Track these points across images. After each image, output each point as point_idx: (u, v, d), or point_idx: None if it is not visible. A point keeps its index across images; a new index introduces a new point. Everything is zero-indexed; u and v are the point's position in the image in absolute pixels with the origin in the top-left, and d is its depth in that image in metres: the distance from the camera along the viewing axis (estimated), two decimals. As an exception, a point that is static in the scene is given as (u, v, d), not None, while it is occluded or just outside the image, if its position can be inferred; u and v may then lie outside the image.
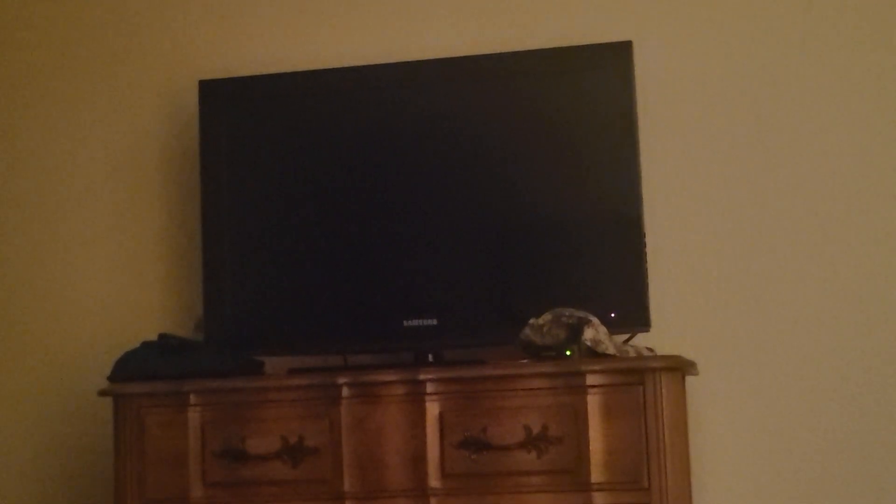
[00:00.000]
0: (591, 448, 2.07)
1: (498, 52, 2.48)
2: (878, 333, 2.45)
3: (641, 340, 2.33)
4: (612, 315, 2.26)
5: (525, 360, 2.18)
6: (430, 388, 2.13)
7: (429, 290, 2.42)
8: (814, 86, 2.52)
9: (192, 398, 2.21)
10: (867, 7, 2.51)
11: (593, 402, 2.08)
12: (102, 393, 2.27)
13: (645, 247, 2.33)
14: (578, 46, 2.43)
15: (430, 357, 2.38)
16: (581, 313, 2.16)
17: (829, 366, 2.46)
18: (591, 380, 2.09)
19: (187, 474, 2.19)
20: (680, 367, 2.16)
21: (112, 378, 2.28)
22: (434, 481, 2.12)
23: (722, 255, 2.51)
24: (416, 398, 2.14)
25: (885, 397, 2.43)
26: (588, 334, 2.13)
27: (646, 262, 2.33)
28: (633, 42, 2.39)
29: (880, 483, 2.42)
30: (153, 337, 2.35)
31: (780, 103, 2.53)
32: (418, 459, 2.12)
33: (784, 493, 2.45)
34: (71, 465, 2.71)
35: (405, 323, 2.38)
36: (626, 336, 2.32)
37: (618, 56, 2.38)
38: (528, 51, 2.46)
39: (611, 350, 2.14)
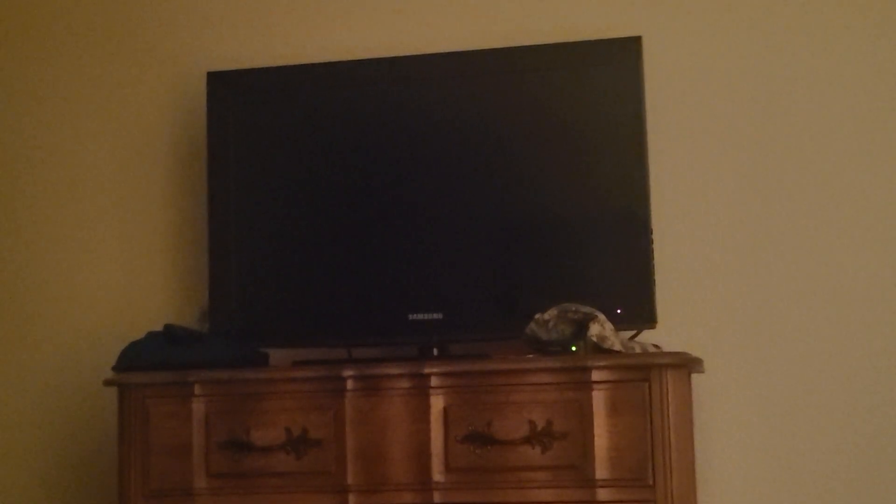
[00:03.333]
0: (595, 444, 2.07)
1: (506, 46, 2.47)
2: (885, 331, 2.44)
3: (647, 337, 2.32)
4: (619, 311, 2.25)
5: (530, 356, 2.17)
6: (434, 381, 2.13)
7: (434, 285, 2.41)
8: (824, 83, 2.51)
9: (197, 389, 2.21)
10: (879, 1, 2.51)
11: (598, 398, 2.08)
12: (108, 383, 2.27)
13: (652, 243, 2.33)
14: (587, 41, 2.42)
15: (435, 351, 2.38)
16: (587, 309, 2.16)
17: (835, 364, 2.45)
18: (596, 376, 2.08)
19: (191, 465, 2.19)
20: (686, 365, 2.15)
21: (117, 368, 2.28)
22: (438, 475, 2.12)
23: (729, 252, 2.51)
24: (421, 392, 2.13)
25: (891, 394, 2.43)
26: (594, 330, 2.12)
27: (652, 258, 2.32)
28: (643, 37, 2.39)
29: (886, 482, 2.41)
30: (159, 327, 2.35)
31: (789, 100, 2.52)
32: (422, 453, 2.12)
33: (789, 492, 2.44)
34: (75, 454, 2.71)
35: (410, 317, 2.38)
36: (632, 332, 2.32)
37: (627, 51, 2.37)
38: (537, 45, 2.46)
39: (616, 346, 2.13)
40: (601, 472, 2.06)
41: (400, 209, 2.44)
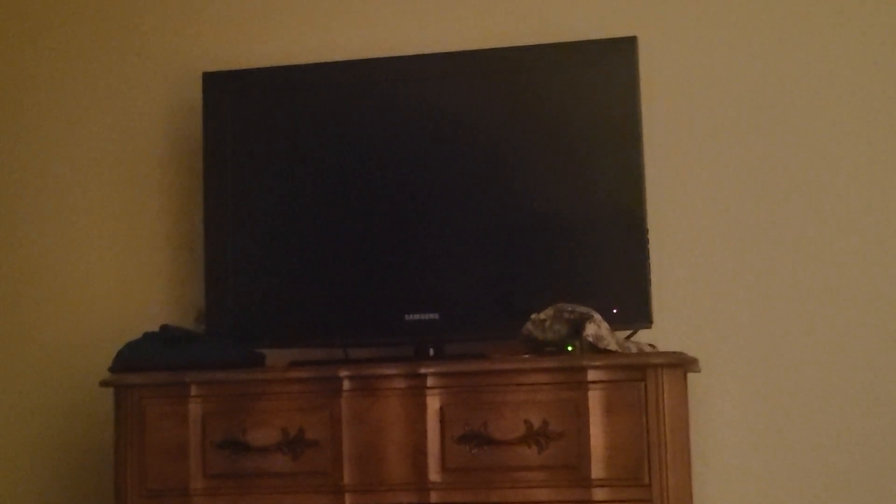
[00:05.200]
0: (591, 444, 2.07)
1: (502, 46, 2.48)
2: (880, 330, 2.45)
3: (643, 337, 2.32)
4: (615, 311, 2.25)
5: (526, 356, 2.17)
6: (430, 382, 2.13)
7: (430, 285, 2.42)
8: (819, 82, 2.52)
9: (194, 389, 2.21)
10: (875, 1, 2.51)
11: (594, 397, 2.08)
12: (104, 383, 2.27)
13: (648, 243, 2.33)
14: (583, 41, 2.42)
15: (432, 351, 2.38)
16: (583, 309, 2.16)
17: (831, 363, 2.46)
18: (592, 375, 2.09)
19: (188, 465, 2.19)
20: (682, 364, 2.16)
21: (113, 369, 2.28)
22: (434, 475, 2.12)
23: (725, 251, 2.51)
24: (417, 392, 2.13)
25: (887, 395, 2.43)
26: (590, 330, 2.13)
27: (648, 258, 2.33)
28: (638, 37, 2.39)
29: (882, 481, 2.42)
30: (155, 328, 2.35)
31: (784, 99, 2.52)
32: (418, 453, 2.12)
33: (785, 491, 2.45)
34: (72, 455, 2.71)
35: (407, 317, 2.38)
36: (628, 332, 2.32)
37: (622, 51, 2.37)
38: (533, 45, 2.46)
39: (612, 346, 2.13)
40: (597, 471, 2.07)
41: (396, 209, 2.44)
